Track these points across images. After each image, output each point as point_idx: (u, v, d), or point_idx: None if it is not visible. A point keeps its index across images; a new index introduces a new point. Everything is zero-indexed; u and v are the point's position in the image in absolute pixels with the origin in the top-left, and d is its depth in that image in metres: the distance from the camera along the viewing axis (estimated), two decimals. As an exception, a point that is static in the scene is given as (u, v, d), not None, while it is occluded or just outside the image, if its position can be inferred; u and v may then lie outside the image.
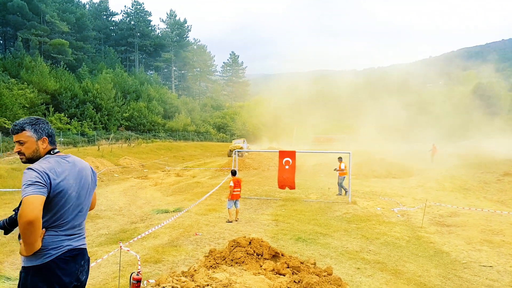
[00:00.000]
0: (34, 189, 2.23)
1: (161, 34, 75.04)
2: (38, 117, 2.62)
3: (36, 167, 2.35)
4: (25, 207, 2.16)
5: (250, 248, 4.93)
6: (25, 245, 2.27)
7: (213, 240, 8.13)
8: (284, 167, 13.57)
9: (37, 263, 2.35)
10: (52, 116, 35.46)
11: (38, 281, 2.35)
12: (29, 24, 48.61)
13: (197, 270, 4.28)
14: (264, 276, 4.12)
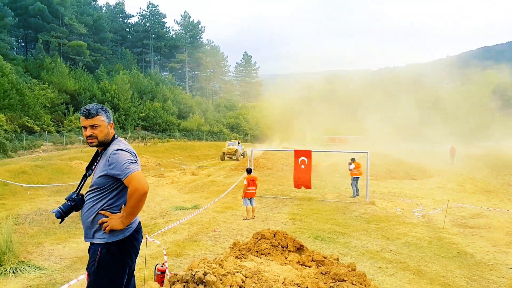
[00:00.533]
0: (136, 166, 2.55)
1: (175, 36, 75.75)
2: (98, 104, 2.81)
3: (123, 148, 2.63)
4: (140, 180, 2.47)
5: (275, 240, 5.00)
6: (130, 217, 2.55)
7: (231, 237, 8.22)
8: (299, 166, 13.59)
9: (121, 237, 2.61)
10: (71, 115, 36.19)
11: (121, 253, 2.61)
12: (49, 26, 49.68)
13: (224, 259, 4.37)
14: (291, 267, 4.19)
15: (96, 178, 2.65)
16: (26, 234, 8.07)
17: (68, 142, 31.11)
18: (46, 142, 28.06)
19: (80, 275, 5.93)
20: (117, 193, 2.65)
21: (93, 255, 2.61)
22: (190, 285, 3.66)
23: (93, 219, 2.62)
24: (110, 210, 2.63)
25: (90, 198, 2.67)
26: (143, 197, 2.49)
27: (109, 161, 2.58)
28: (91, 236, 2.65)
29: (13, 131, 25.81)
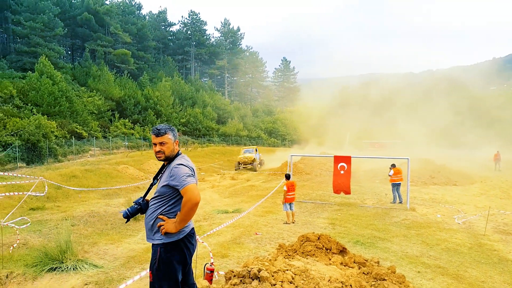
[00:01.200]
0: (192, 179, 2.98)
1: (215, 43, 77.41)
2: (166, 124, 3.31)
3: (184, 163, 3.10)
4: (193, 192, 2.90)
5: (319, 243, 5.25)
6: (182, 222, 2.97)
7: (273, 240, 8.49)
8: (339, 172, 13.66)
9: (175, 239, 3.04)
10: (117, 121, 37.96)
11: (176, 253, 3.05)
12: (95, 35, 52.44)
13: (273, 259, 4.68)
14: (336, 267, 4.42)
15: (160, 187, 3.12)
16: (81, 235, 8.74)
17: (114, 147, 32.69)
18: (94, 147, 29.67)
19: (134, 273, 6.45)
20: (175, 201, 3.09)
21: (154, 254, 3.09)
22: (246, 279, 4.08)
23: (153, 223, 3.09)
24: (167, 215, 3.08)
25: (153, 204, 3.15)
26: (194, 206, 2.92)
27: (171, 173, 3.04)
28: (151, 237, 3.12)
29: (63, 137, 27.47)
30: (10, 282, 6.17)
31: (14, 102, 28.61)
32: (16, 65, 41.09)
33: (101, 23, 53.35)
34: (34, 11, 43.06)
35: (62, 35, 47.13)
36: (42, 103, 29.25)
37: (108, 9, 53.26)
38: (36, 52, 41.54)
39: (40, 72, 31.32)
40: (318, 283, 3.96)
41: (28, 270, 6.39)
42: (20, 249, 7.33)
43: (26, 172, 17.61)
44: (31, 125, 21.98)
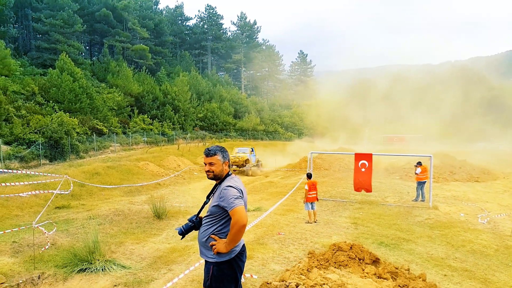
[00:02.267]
0: (240, 201, 3.09)
1: (232, 37, 77.26)
2: (222, 146, 3.46)
3: (233, 185, 3.20)
4: (241, 214, 3.01)
5: (352, 253, 5.23)
6: (232, 243, 3.08)
7: (296, 240, 8.50)
8: (360, 169, 13.54)
9: (227, 258, 3.17)
10: (136, 117, 38.39)
11: (228, 272, 3.18)
12: (113, 31, 52.94)
13: (305, 268, 4.68)
14: (372, 279, 4.40)
15: (211, 207, 3.25)
16: (108, 234, 8.91)
17: (133, 143, 33.12)
18: (114, 143, 30.11)
19: (161, 274, 6.56)
20: (225, 221, 3.20)
21: (207, 272, 3.22)
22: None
23: (206, 240, 3.23)
24: (219, 235, 3.20)
25: (205, 223, 3.29)
26: (242, 228, 3.03)
27: (221, 195, 3.15)
28: (205, 254, 3.26)
29: (85, 133, 27.96)
30: (42, 282, 6.35)
31: (36, 99, 29.22)
32: (36, 62, 41.89)
33: (119, 19, 53.82)
34: (54, 8, 43.72)
35: (81, 31, 47.76)
36: (64, 100, 29.79)
37: (126, 5, 53.66)
38: (56, 49, 42.25)
39: (61, 69, 31.86)
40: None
41: (58, 271, 6.56)
42: (49, 249, 7.51)
43: (50, 169, 18.03)
44: (54, 123, 22.44)
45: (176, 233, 9.64)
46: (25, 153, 19.11)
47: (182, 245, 8.36)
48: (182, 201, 14.21)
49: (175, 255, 7.58)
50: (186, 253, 7.68)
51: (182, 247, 8.13)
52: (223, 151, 3.41)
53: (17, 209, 11.10)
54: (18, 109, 25.14)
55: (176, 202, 13.82)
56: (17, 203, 11.44)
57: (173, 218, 10.99)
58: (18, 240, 7.71)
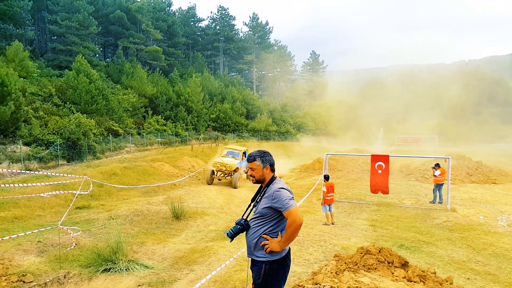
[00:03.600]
0: (294, 202, 3.21)
1: (243, 37, 77.40)
2: (265, 150, 3.61)
3: (285, 187, 3.34)
4: (297, 214, 3.13)
5: (381, 256, 5.23)
6: (287, 242, 3.22)
7: (315, 242, 8.50)
8: (376, 171, 13.48)
9: (278, 257, 3.29)
10: (150, 118, 38.74)
11: (279, 270, 3.32)
12: (127, 33, 53.50)
13: (334, 271, 4.71)
14: (403, 283, 4.41)
15: (261, 209, 3.36)
16: (129, 234, 9.03)
17: (148, 143, 33.42)
18: (129, 144, 30.42)
19: (183, 275, 6.64)
20: (276, 222, 3.33)
21: (258, 270, 3.34)
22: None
23: (257, 241, 3.36)
24: (270, 235, 3.33)
25: (255, 224, 3.41)
26: (299, 227, 3.15)
27: (273, 197, 3.27)
28: (255, 254, 3.39)
29: (101, 134, 28.29)
30: (68, 282, 6.49)
31: (53, 100, 29.67)
32: (52, 64, 42.55)
33: (133, 21, 54.37)
34: (69, 10, 44.35)
35: (96, 33, 48.38)
36: (80, 101, 30.20)
37: (139, 7, 54.20)
38: (72, 51, 42.88)
39: (77, 71, 32.28)
40: (388, 302, 3.97)
41: (83, 270, 6.69)
42: (73, 249, 7.66)
43: (68, 169, 18.32)
44: (72, 124, 22.79)
45: (195, 233, 9.75)
46: (44, 154, 19.45)
47: (202, 246, 8.44)
48: (198, 201, 14.31)
49: (196, 255, 7.66)
50: (206, 254, 7.75)
51: (202, 248, 8.21)
52: (263, 156, 3.52)
53: (39, 209, 11.33)
54: (36, 110, 25.56)
55: (192, 202, 13.93)
56: (39, 203, 11.66)
57: (191, 219, 11.09)
58: (43, 240, 7.88)
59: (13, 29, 38.02)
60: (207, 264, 7.05)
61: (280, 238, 3.29)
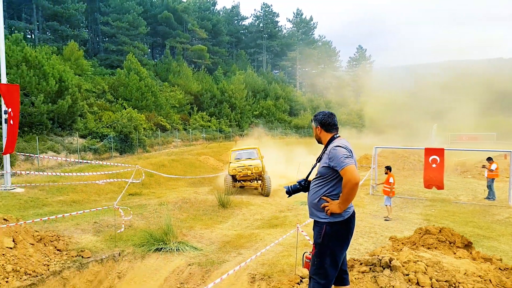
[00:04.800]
0: (351, 160, 3.04)
1: (287, 34, 77.00)
2: (321, 111, 3.55)
3: (342, 145, 3.19)
4: (353, 172, 2.97)
5: (442, 236, 4.95)
6: (345, 203, 3.10)
7: (365, 234, 8.25)
8: (430, 165, 12.85)
9: (339, 219, 3.18)
10: (196, 114, 39.62)
11: (341, 232, 3.21)
12: (174, 33, 54.94)
13: (394, 249, 4.53)
14: (469, 260, 4.15)
15: (320, 168, 3.27)
16: (178, 219, 9.24)
17: (193, 139, 34.20)
18: (176, 139, 31.28)
19: (231, 257, 6.65)
20: (336, 183, 3.20)
21: (319, 230, 3.25)
22: (376, 268, 4.06)
23: (317, 202, 3.26)
24: (330, 196, 3.21)
25: (315, 185, 3.32)
26: (355, 186, 2.98)
27: (330, 155, 3.16)
28: (316, 215, 3.30)
29: (150, 129, 29.30)
30: (122, 259, 6.72)
31: (106, 97, 31.12)
32: (105, 63, 44.60)
33: (179, 21, 55.75)
34: (120, 11, 46.28)
35: (144, 33, 50.12)
36: (131, 98, 31.44)
37: (185, 7, 55.50)
38: (122, 50, 44.71)
39: (128, 69, 33.63)
40: (454, 276, 3.75)
41: (136, 249, 6.90)
42: (127, 230, 7.93)
43: (120, 161, 19.09)
44: (124, 118, 23.74)
45: (240, 221, 9.78)
46: (99, 145, 20.42)
47: (248, 232, 8.44)
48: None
49: (243, 240, 7.67)
50: (253, 240, 7.74)
51: (248, 234, 8.21)
52: (315, 116, 3.52)
53: (95, 194, 11.88)
54: (90, 105, 26.91)
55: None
56: (94, 189, 12.23)
57: (236, 208, 11.16)
58: (99, 221, 8.23)
59: (69, 30, 40.34)
60: (254, 249, 7.04)
61: (339, 200, 3.16)
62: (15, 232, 6.22)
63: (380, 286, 3.89)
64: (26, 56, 19.58)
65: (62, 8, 38.91)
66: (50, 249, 6.42)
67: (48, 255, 6.28)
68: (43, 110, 18.88)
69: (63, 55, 31.67)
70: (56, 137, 20.30)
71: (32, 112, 18.60)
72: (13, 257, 5.78)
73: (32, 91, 18.97)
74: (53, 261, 6.17)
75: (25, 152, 15.66)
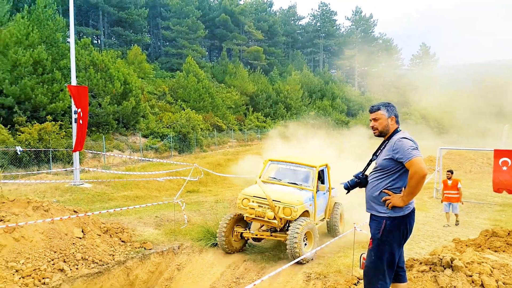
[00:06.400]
0: (417, 152, 2.97)
1: (345, 32, 75.42)
2: (389, 102, 3.44)
3: (408, 137, 3.11)
4: (420, 164, 2.90)
5: (511, 239, 4.59)
6: (410, 196, 3.01)
7: (427, 238, 7.89)
8: (501, 168, 11.88)
9: (400, 214, 3.11)
10: (251, 115, 40.10)
11: (400, 227, 3.13)
12: (231, 35, 56.04)
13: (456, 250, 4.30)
14: None
15: (382, 160, 3.17)
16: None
17: (248, 139, 34.65)
18: (232, 139, 31.88)
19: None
20: (398, 175, 3.10)
21: (378, 225, 3.18)
22: (436, 267, 3.96)
23: (378, 195, 3.17)
24: (391, 190, 3.12)
25: (375, 178, 3.23)
26: (422, 179, 2.90)
27: (394, 147, 3.06)
28: (375, 209, 3.22)
29: (207, 129, 30.15)
30: (181, 252, 6.97)
31: (166, 98, 32.54)
32: (165, 66, 46.64)
33: (236, 23, 56.76)
34: (180, 15, 48.12)
35: (203, 36, 51.66)
36: (189, 99, 32.59)
37: (242, 9, 56.37)
38: (182, 54, 46.46)
39: (187, 71, 34.91)
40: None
41: (194, 243, 7.12)
42: (185, 225, 8.21)
43: (179, 159, 19.83)
44: (182, 119, 24.65)
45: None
46: (159, 145, 21.40)
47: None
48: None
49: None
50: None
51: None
52: (388, 106, 3.32)
53: (156, 190, 12.46)
54: (152, 107, 28.28)
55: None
56: (155, 186, 12.83)
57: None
58: (160, 216, 8.61)
59: (133, 35, 42.73)
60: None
61: (402, 194, 3.08)
62: (83, 223, 6.69)
63: (440, 286, 3.77)
64: (94, 60, 21.02)
65: (126, 14, 41.28)
66: (115, 240, 6.83)
67: (113, 245, 6.68)
68: (109, 111, 20.15)
69: (127, 59, 33.54)
70: (121, 136, 21.58)
71: (99, 112, 19.93)
72: (82, 246, 6.22)
73: (99, 93, 20.32)
74: (118, 251, 6.56)
75: (92, 150, 16.82)
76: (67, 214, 6.53)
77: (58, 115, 17.52)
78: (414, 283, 3.95)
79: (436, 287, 3.82)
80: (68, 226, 6.38)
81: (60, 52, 19.32)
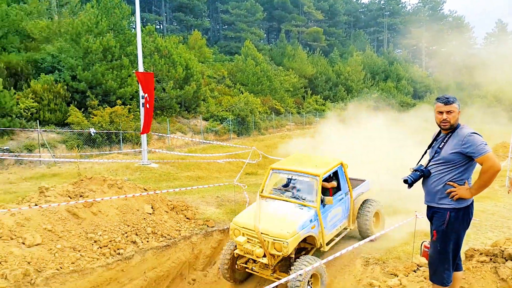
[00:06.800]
0: (489, 147, 3.07)
1: (411, 10, 71.20)
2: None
3: (477, 132, 3.17)
4: (494, 160, 3.01)
5: None
6: (479, 189, 3.13)
7: (496, 228, 7.48)
8: None
9: (463, 205, 3.21)
10: (310, 98, 39.65)
11: (464, 218, 3.25)
12: (290, 16, 55.26)
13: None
14: None
15: (448, 154, 3.20)
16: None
17: (306, 122, 34.41)
18: (290, 122, 31.88)
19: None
20: (464, 169, 3.18)
21: (442, 217, 3.26)
22: (497, 259, 3.94)
23: (442, 188, 3.24)
24: (457, 182, 3.19)
25: (438, 171, 3.28)
26: (495, 174, 3.00)
27: (464, 141, 3.10)
28: (436, 202, 3.30)
29: (265, 113, 30.39)
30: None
31: (225, 82, 33.19)
32: (224, 50, 47.37)
33: (295, 4, 55.84)
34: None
35: (261, 19, 51.54)
36: (248, 83, 32.95)
37: (303, -12, 55.25)
38: (240, 37, 46.85)
39: (245, 55, 35.21)
40: None
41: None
42: (243, 205, 8.50)
43: (238, 142, 20.31)
44: (241, 102, 25.08)
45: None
46: (219, 128, 22.05)
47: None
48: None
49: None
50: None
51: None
52: (457, 99, 3.32)
53: (216, 172, 12.96)
54: (212, 90, 29.06)
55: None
56: (216, 167, 13.35)
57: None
58: (220, 196, 8.99)
59: (193, 20, 43.82)
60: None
61: (467, 186, 3.15)
62: (153, 200, 7.21)
63: (501, 277, 3.74)
64: (158, 46, 21.96)
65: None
66: (180, 217, 7.30)
67: (179, 222, 7.15)
68: (173, 95, 21.06)
69: (188, 44, 34.55)
70: (183, 119, 22.53)
71: (163, 97, 20.90)
72: (151, 221, 6.74)
73: (163, 78, 21.26)
74: (183, 227, 7.02)
75: (158, 132, 17.78)
76: (138, 192, 7.08)
77: (126, 99, 18.69)
78: (473, 273, 3.94)
79: (496, 279, 3.80)
80: (139, 203, 6.93)
81: (126, 39, 20.36)
